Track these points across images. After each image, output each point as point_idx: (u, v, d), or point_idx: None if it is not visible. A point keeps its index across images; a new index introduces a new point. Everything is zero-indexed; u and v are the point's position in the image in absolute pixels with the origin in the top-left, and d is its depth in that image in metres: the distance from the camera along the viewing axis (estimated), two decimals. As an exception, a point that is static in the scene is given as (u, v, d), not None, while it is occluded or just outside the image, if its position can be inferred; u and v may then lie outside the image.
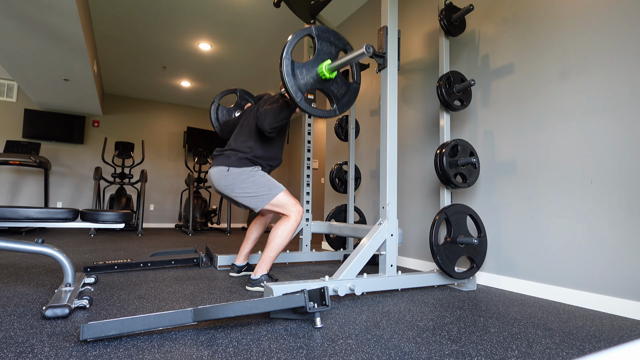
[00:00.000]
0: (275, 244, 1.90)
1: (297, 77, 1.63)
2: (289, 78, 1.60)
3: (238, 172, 1.94)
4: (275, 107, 1.89)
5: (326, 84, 1.73)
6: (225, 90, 2.47)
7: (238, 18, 4.06)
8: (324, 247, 3.96)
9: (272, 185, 1.96)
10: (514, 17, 2.23)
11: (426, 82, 2.87)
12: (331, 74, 1.70)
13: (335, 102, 1.78)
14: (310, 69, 1.67)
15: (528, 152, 2.09)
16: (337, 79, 1.77)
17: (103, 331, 1.09)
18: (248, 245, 2.29)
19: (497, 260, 2.20)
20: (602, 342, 1.27)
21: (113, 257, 2.87)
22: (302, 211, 1.95)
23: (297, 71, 1.63)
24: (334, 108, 1.77)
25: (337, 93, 1.78)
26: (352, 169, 3.17)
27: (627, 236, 1.65)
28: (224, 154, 2.01)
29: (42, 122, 6.04)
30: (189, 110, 7.55)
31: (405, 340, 1.22)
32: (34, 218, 1.52)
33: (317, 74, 1.69)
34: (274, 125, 1.88)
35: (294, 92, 1.61)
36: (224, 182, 1.96)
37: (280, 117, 1.88)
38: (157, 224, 7.05)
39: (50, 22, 3.16)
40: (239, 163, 1.96)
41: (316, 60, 1.69)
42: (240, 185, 1.93)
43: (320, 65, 1.69)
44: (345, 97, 1.81)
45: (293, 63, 1.62)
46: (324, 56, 1.72)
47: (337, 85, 1.77)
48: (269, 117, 1.86)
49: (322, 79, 1.71)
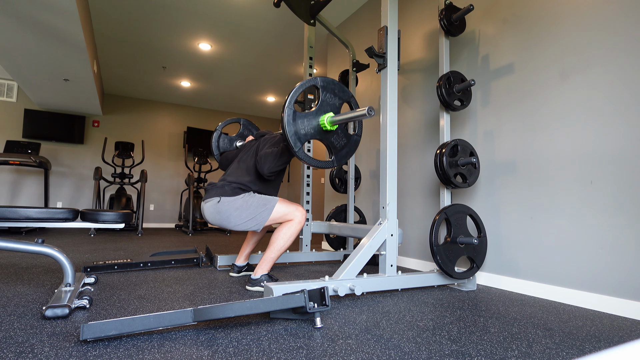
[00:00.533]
0: (277, 245, 1.89)
1: (298, 126, 1.62)
2: (289, 127, 1.60)
3: (230, 201, 1.89)
4: (276, 152, 1.86)
5: (326, 135, 1.72)
6: (229, 120, 2.46)
7: (238, 18, 4.06)
8: (324, 247, 3.96)
9: (265, 200, 1.91)
10: (514, 17, 2.23)
11: (426, 82, 2.87)
12: (332, 127, 1.70)
13: (334, 153, 1.77)
14: (311, 119, 1.67)
15: (528, 152, 2.09)
16: (338, 131, 1.77)
17: (103, 331, 1.08)
18: (249, 246, 2.29)
19: (497, 260, 2.20)
20: (602, 342, 1.27)
21: (113, 257, 2.87)
22: (305, 213, 1.93)
23: (299, 121, 1.63)
24: (333, 159, 1.77)
25: (337, 145, 1.77)
26: (352, 169, 3.17)
27: (627, 236, 1.65)
28: (217, 185, 1.97)
29: (42, 122, 6.04)
30: (189, 110, 7.55)
31: (405, 340, 1.22)
32: (34, 218, 1.52)
33: (318, 125, 1.69)
34: (273, 170, 1.86)
35: (292, 142, 1.60)
36: (218, 216, 1.90)
37: (280, 162, 1.86)
38: (157, 224, 7.05)
39: (50, 22, 3.16)
40: (232, 192, 1.92)
41: (319, 111, 1.69)
42: (235, 214, 1.87)
43: (322, 117, 1.69)
44: (344, 149, 1.80)
45: (295, 113, 1.62)
46: (326, 107, 1.71)
47: (337, 137, 1.77)
48: (269, 161, 1.85)
49: (322, 130, 1.70)
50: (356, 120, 1.66)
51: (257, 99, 7.07)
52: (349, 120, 1.63)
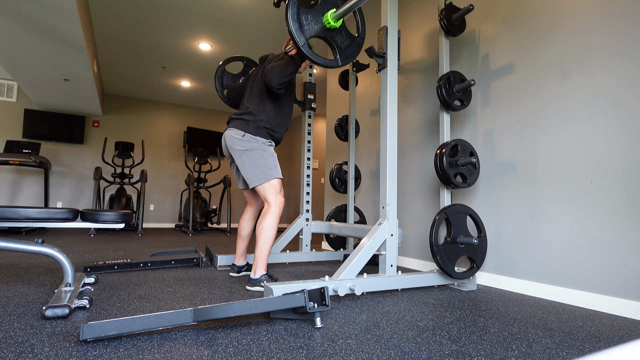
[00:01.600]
0: (263, 240, 1.94)
1: (302, 24, 1.61)
2: (294, 23, 1.58)
3: (253, 140, 1.98)
4: (281, 63, 1.91)
5: (331, 33, 1.72)
6: (232, 57, 2.45)
7: (238, 18, 4.06)
8: (324, 247, 3.96)
9: (274, 168, 2.00)
10: (514, 17, 2.23)
11: (426, 82, 2.87)
12: (336, 23, 1.69)
13: (339, 52, 1.76)
14: (315, 16, 1.66)
15: (528, 152, 2.09)
16: (342, 30, 1.76)
17: (103, 331, 1.08)
18: (243, 242, 2.28)
19: (497, 260, 2.20)
20: (602, 342, 1.27)
21: (113, 257, 2.87)
22: (283, 202, 2.00)
23: (303, 17, 1.61)
24: (337, 58, 1.76)
25: (341, 44, 1.77)
26: (352, 169, 3.17)
27: (627, 236, 1.65)
28: (243, 118, 2.04)
29: (42, 122, 6.04)
30: (189, 110, 7.55)
31: (405, 340, 1.22)
32: (34, 218, 1.52)
33: (322, 21, 1.68)
34: (281, 81, 1.90)
35: (297, 37, 1.59)
36: (237, 145, 1.99)
37: (286, 72, 1.90)
38: (157, 224, 7.05)
39: (50, 22, 3.16)
40: (256, 132, 2.00)
41: (322, 8, 1.68)
42: (250, 154, 1.97)
43: (325, 14, 1.68)
44: (349, 49, 1.79)
45: (299, 8, 1.60)
46: (329, 5, 1.70)
47: (341, 36, 1.76)
48: (275, 72, 1.89)
49: (327, 28, 1.69)
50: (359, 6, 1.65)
51: (257, 99, 7.06)
52: (352, 9, 1.62)
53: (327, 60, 1.72)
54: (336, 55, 1.76)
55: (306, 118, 3.00)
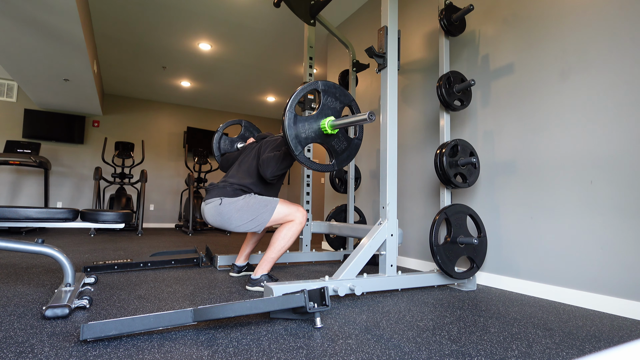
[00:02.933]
0: (277, 246, 1.89)
1: (299, 130, 1.63)
2: (290, 131, 1.60)
3: (231, 202, 1.88)
4: (278, 155, 1.86)
5: (327, 139, 1.73)
6: (230, 121, 2.47)
7: (238, 18, 4.07)
8: (324, 247, 3.96)
9: (266, 202, 1.90)
10: (514, 17, 2.23)
11: (426, 82, 2.87)
12: (333, 130, 1.70)
13: (335, 157, 1.78)
14: (312, 123, 1.67)
15: (528, 152, 2.09)
16: (339, 135, 1.77)
17: (103, 331, 1.08)
18: (249, 246, 2.29)
19: (497, 260, 2.20)
20: (602, 342, 1.27)
21: (113, 257, 2.87)
22: (305, 214, 1.93)
23: (300, 124, 1.63)
24: (333, 163, 1.77)
25: (338, 148, 1.78)
26: (352, 169, 3.17)
27: (627, 236, 1.65)
28: (218, 186, 1.96)
29: (42, 122, 6.04)
30: (189, 110, 7.55)
31: (405, 340, 1.22)
32: (34, 218, 1.52)
33: (319, 128, 1.69)
34: (275, 174, 1.86)
35: (293, 145, 1.61)
36: (219, 217, 1.88)
37: (282, 166, 1.86)
38: (157, 224, 7.05)
39: (50, 22, 3.16)
40: (234, 193, 1.91)
41: (320, 115, 1.69)
42: (236, 216, 1.86)
43: (323, 121, 1.69)
44: (345, 153, 1.80)
45: (296, 116, 1.62)
46: (327, 111, 1.71)
47: (338, 140, 1.77)
48: (271, 165, 1.85)
49: (323, 134, 1.71)
50: (357, 124, 1.66)
51: (257, 99, 7.07)
52: (349, 125, 1.63)
53: (323, 166, 1.74)
54: (332, 160, 1.78)
55: (306, 118, 2.99)
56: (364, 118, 1.54)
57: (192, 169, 7.06)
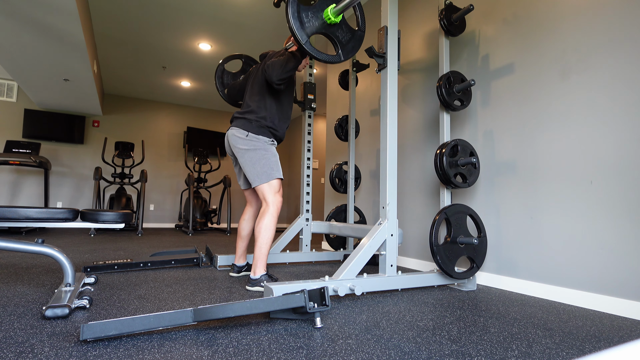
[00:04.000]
0: (262, 239, 1.94)
1: (303, 21, 1.63)
2: (295, 21, 1.59)
3: (255, 140, 1.99)
4: (282, 59, 1.92)
5: (331, 28, 1.73)
6: (231, 55, 2.45)
7: (238, 18, 4.07)
8: (324, 247, 3.96)
9: (276, 168, 2.01)
10: (514, 17, 2.23)
11: (426, 82, 2.86)
12: (337, 18, 1.70)
13: (340, 47, 1.77)
14: (315, 12, 1.67)
15: (528, 152, 2.09)
16: (343, 25, 1.77)
17: (103, 331, 1.08)
18: (243, 242, 2.28)
19: (497, 260, 2.20)
20: (602, 342, 1.27)
21: (113, 257, 2.87)
22: (281, 201, 2.01)
23: (303, 14, 1.63)
24: (339, 53, 1.77)
25: (342, 39, 1.78)
26: (352, 169, 3.17)
27: (627, 236, 1.65)
28: (245, 117, 2.05)
29: (42, 122, 6.04)
30: (189, 110, 7.55)
31: (405, 340, 1.22)
32: (34, 218, 1.52)
33: (322, 17, 1.69)
34: (281, 77, 1.90)
35: (299, 35, 1.61)
36: (240, 144, 2.00)
37: (287, 68, 1.90)
38: (157, 224, 7.05)
39: (50, 22, 3.16)
40: (259, 131, 2.01)
41: (321, 4, 1.69)
42: (252, 153, 1.98)
43: (325, 10, 1.69)
44: (350, 44, 1.80)
45: (299, 6, 1.62)
46: (328, 1, 1.71)
47: (342, 31, 1.77)
48: (276, 68, 1.89)
49: (327, 24, 1.70)
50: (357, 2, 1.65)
51: (257, 99, 7.06)
52: (351, 4, 1.63)
53: (329, 56, 1.73)
54: (338, 51, 1.77)
55: (306, 118, 3.00)
56: None
57: (192, 169, 7.06)
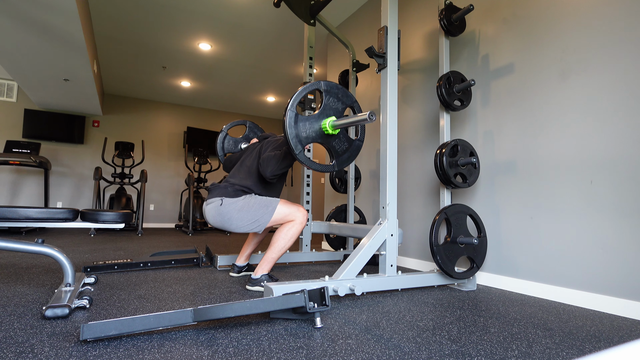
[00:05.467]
0: (278, 246, 1.89)
1: (299, 130, 1.63)
2: (291, 130, 1.60)
3: (232, 202, 1.88)
4: (279, 155, 1.86)
5: (328, 139, 1.73)
6: (235, 122, 2.46)
7: (238, 18, 4.06)
8: (324, 247, 3.96)
9: (267, 202, 1.90)
10: (514, 17, 2.23)
11: (426, 82, 2.86)
12: (334, 131, 1.70)
13: (335, 158, 1.77)
14: (313, 123, 1.67)
15: (528, 152, 2.09)
16: (340, 135, 1.77)
17: (103, 331, 1.08)
18: (250, 246, 2.29)
19: (497, 260, 2.20)
20: (602, 342, 1.27)
21: (113, 257, 2.87)
22: (306, 214, 1.93)
23: (300, 124, 1.63)
24: (333, 163, 1.77)
25: (339, 149, 1.77)
26: (352, 169, 3.17)
27: (627, 236, 1.65)
28: (220, 186, 1.97)
29: (42, 122, 6.04)
30: (189, 110, 7.55)
31: (405, 340, 1.22)
32: (34, 218, 1.52)
33: (320, 128, 1.69)
34: (275, 173, 1.86)
35: (294, 144, 1.61)
36: (220, 217, 1.89)
37: (282, 165, 1.85)
38: (157, 224, 7.05)
39: (50, 22, 3.16)
40: (234, 194, 1.92)
41: (321, 115, 1.69)
42: (236, 216, 1.87)
43: (324, 121, 1.69)
44: (346, 154, 1.80)
45: (297, 115, 1.62)
46: (329, 112, 1.71)
47: (339, 141, 1.77)
48: (271, 164, 1.84)
49: (324, 134, 1.70)
50: (357, 124, 1.66)
51: (257, 99, 7.07)
52: (350, 125, 1.63)
53: (323, 167, 1.73)
54: (332, 160, 1.77)
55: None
56: (364, 118, 1.54)
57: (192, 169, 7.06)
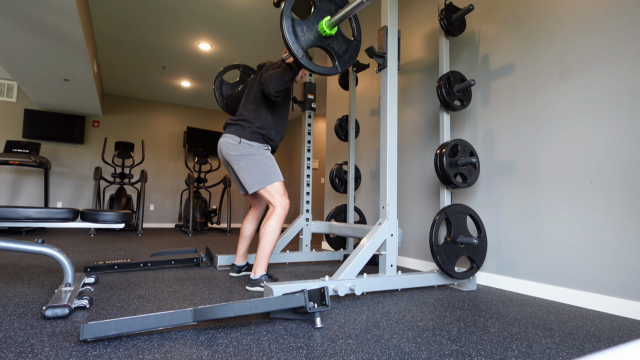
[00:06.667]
0: (266, 241, 1.93)
1: (298, 35, 1.62)
2: (290, 36, 1.59)
3: (248, 146, 1.98)
4: (279, 71, 1.92)
5: (327, 40, 1.72)
6: (228, 66, 2.46)
7: (238, 18, 4.06)
8: (324, 247, 3.96)
9: (274, 171, 1.99)
10: (514, 17, 2.23)
11: (426, 82, 2.86)
12: (332, 30, 1.69)
13: (337, 59, 1.77)
14: (310, 25, 1.67)
15: (528, 152, 2.09)
16: (338, 36, 1.76)
17: (103, 331, 1.08)
18: (244, 242, 2.28)
19: (497, 260, 2.20)
20: (602, 342, 1.27)
21: (113, 257, 2.87)
22: (288, 204, 1.99)
23: (298, 28, 1.63)
24: (336, 65, 1.77)
25: (339, 50, 1.77)
26: (352, 169, 3.17)
27: (627, 236, 1.65)
28: (238, 124, 2.04)
29: (42, 122, 6.04)
30: (189, 110, 7.55)
31: (405, 340, 1.22)
32: (34, 218, 1.52)
33: (317, 30, 1.68)
34: (278, 89, 1.90)
35: (295, 49, 1.60)
36: (233, 151, 1.98)
37: (284, 80, 1.91)
38: (157, 224, 7.05)
39: (50, 22, 3.16)
40: (252, 137, 2.00)
41: (316, 17, 1.69)
42: (247, 160, 1.97)
43: (320, 22, 1.68)
44: (346, 54, 1.80)
45: (293, 21, 1.61)
46: (323, 13, 1.70)
47: (338, 42, 1.76)
48: (273, 80, 1.89)
49: (322, 36, 1.70)
50: (354, 12, 1.65)
51: (257, 99, 7.06)
52: (346, 16, 1.63)
53: (326, 69, 1.73)
54: (335, 62, 1.77)
55: (306, 118, 3.00)
56: (360, 1, 1.54)
57: (192, 169, 7.06)
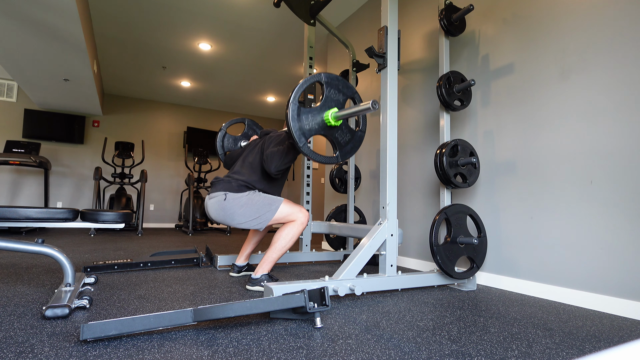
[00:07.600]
0: (278, 246, 1.90)
1: (302, 122, 1.63)
2: (294, 122, 1.60)
3: (236, 198, 1.90)
4: (282, 150, 1.88)
5: (331, 130, 1.73)
6: (233, 119, 2.47)
7: (238, 18, 4.06)
8: (324, 247, 3.96)
9: (270, 201, 1.92)
10: (514, 17, 2.23)
11: (426, 82, 2.86)
12: (337, 122, 1.70)
13: (339, 149, 1.78)
14: (316, 115, 1.68)
15: (528, 152, 2.09)
16: (343, 127, 1.77)
17: (103, 331, 1.08)
18: (250, 246, 2.29)
19: (497, 260, 2.20)
20: (602, 342, 1.27)
21: (113, 257, 2.87)
22: (308, 215, 1.94)
23: (303, 116, 1.63)
24: (337, 155, 1.78)
25: (341, 140, 1.78)
26: (352, 169, 3.17)
27: (627, 236, 1.65)
28: (223, 180, 1.98)
29: (42, 122, 6.04)
30: (189, 110, 7.55)
31: (405, 340, 1.22)
32: (34, 218, 1.52)
33: (322, 120, 1.69)
34: (280, 168, 1.87)
35: (297, 137, 1.61)
36: (222, 212, 1.90)
37: (286, 160, 1.87)
38: (157, 224, 7.05)
39: (50, 22, 3.16)
40: (238, 189, 1.93)
41: (323, 106, 1.69)
42: (239, 212, 1.88)
43: (326, 113, 1.69)
44: (349, 145, 1.81)
45: (299, 108, 1.62)
46: (331, 103, 1.71)
47: (341, 132, 1.77)
48: (275, 159, 1.86)
49: (327, 126, 1.71)
50: (360, 114, 1.67)
51: (257, 99, 7.07)
52: (353, 115, 1.63)
53: (327, 158, 1.74)
54: (336, 152, 1.78)
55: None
56: (367, 107, 1.54)
57: (192, 169, 7.06)
